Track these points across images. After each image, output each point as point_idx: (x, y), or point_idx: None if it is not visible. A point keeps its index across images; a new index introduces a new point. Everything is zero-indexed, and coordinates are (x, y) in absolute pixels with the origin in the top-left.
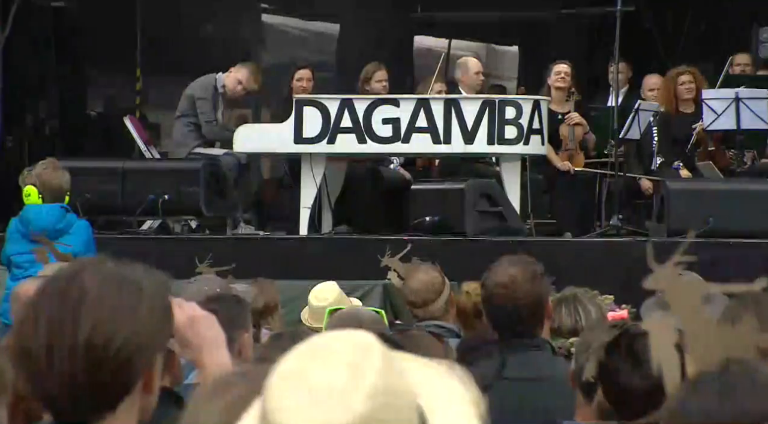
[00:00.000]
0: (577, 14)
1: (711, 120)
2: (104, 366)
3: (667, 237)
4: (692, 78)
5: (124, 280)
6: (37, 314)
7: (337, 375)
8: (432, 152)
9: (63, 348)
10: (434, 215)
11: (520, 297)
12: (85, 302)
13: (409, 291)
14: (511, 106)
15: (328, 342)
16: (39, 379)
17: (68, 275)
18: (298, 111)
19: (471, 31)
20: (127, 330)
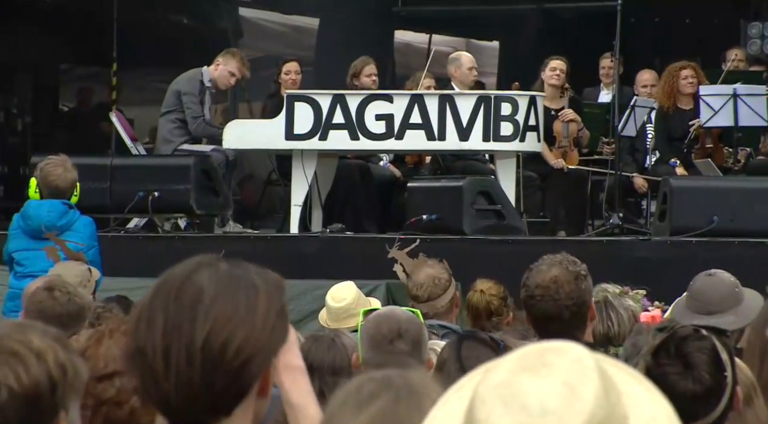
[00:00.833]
0: (559, 9)
1: (709, 117)
2: (221, 369)
3: (670, 236)
4: (694, 72)
5: (240, 280)
6: (152, 315)
7: (553, 395)
8: (426, 149)
9: (180, 350)
10: (432, 213)
11: (562, 298)
12: (202, 303)
13: (414, 285)
14: (507, 102)
15: (542, 354)
16: (154, 381)
17: (182, 274)
18: (289, 107)
19: (451, 26)
20: (245, 332)
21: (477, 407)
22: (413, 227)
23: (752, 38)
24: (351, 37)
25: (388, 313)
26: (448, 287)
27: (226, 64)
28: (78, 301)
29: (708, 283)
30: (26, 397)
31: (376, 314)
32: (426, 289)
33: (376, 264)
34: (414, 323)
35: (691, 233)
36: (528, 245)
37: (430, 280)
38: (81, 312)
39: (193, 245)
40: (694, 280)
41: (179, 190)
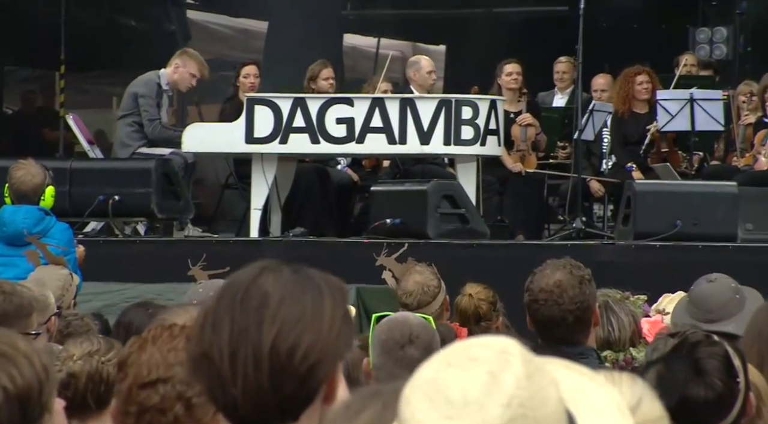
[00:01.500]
0: (508, 13)
1: (666, 121)
2: (289, 373)
3: (634, 239)
4: (649, 78)
5: (305, 284)
6: (218, 320)
7: (474, 384)
8: (387, 153)
9: (247, 355)
10: (395, 217)
11: (565, 303)
12: (268, 307)
13: (403, 293)
14: (468, 106)
15: (467, 349)
16: (221, 386)
17: (247, 279)
18: (249, 110)
19: (398, 30)
20: (312, 336)
21: (403, 407)
22: (377, 231)
23: (700, 43)
24: (300, 40)
25: (400, 319)
26: (438, 293)
27: (185, 65)
28: (17, 300)
29: (708, 289)
30: (19, 398)
31: (388, 319)
32: (415, 297)
33: (342, 268)
34: (426, 329)
35: (655, 237)
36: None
37: (419, 287)
38: (21, 310)
39: (154, 249)
40: (695, 285)
41: (140, 193)
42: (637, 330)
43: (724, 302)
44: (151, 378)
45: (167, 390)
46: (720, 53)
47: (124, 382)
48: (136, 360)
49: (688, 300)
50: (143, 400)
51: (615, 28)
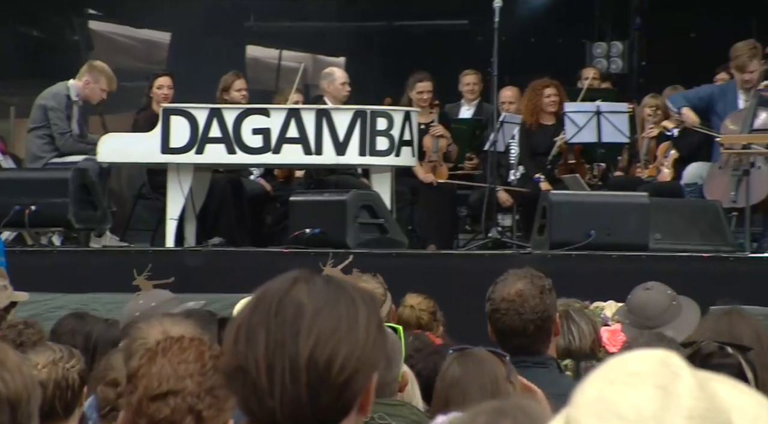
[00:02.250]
0: (408, 27)
1: (573, 133)
2: (327, 385)
3: (549, 249)
4: (556, 91)
5: (339, 294)
6: (252, 332)
7: (646, 399)
8: (303, 163)
9: (284, 367)
10: (315, 227)
11: (527, 312)
12: (304, 318)
13: None
14: (383, 117)
15: (625, 364)
16: (258, 399)
17: (280, 290)
18: (165, 120)
19: (300, 42)
20: (349, 347)
21: None
22: (296, 241)
23: (597, 58)
24: (203, 51)
25: None
26: (384, 302)
27: (96, 81)
28: None
29: (645, 297)
30: (11, 402)
31: None
32: None
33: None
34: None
35: (570, 246)
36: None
37: None
38: None
39: (72, 259)
40: (632, 293)
41: (57, 203)
42: (597, 339)
43: (661, 309)
44: (162, 390)
45: (178, 403)
46: (616, 67)
47: (133, 394)
48: (147, 372)
49: (627, 308)
50: (153, 412)
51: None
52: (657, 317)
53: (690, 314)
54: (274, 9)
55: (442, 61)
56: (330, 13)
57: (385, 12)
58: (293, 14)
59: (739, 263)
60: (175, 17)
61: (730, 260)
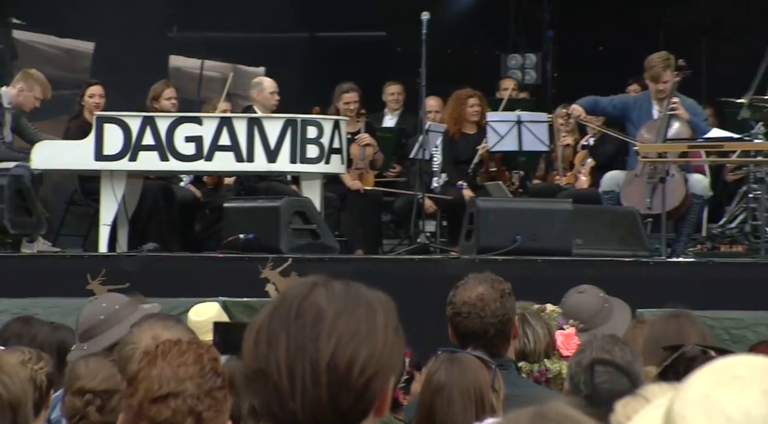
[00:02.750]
0: (328, 37)
1: (495, 141)
2: (347, 387)
3: (477, 254)
4: (479, 101)
5: (357, 298)
6: (273, 335)
7: (755, 403)
8: (235, 170)
9: (305, 369)
10: (248, 233)
11: (487, 316)
12: (324, 322)
13: None
14: (313, 125)
15: (731, 368)
16: (279, 401)
17: (299, 294)
18: (99, 128)
19: (221, 52)
20: (368, 350)
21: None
22: (230, 246)
23: (512, 69)
24: (126, 61)
25: None
26: None
27: (31, 89)
28: None
29: (579, 300)
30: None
31: None
32: None
33: (199, 282)
34: None
35: (497, 251)
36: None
37: None
38: None
39: (8, 264)
40: (566, 296)
41: None
42: (551, 342)
43: (594, 311)
44: (162, 393)
45: (178, 404)
46: (530, 78)
47: (134, 396)
48: (147, 375)
49: (562, 311)
50: (154, 414)
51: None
52: (590, 319)
53: (621, 314)
54: (196, 19)
55: (360, 72)
56: (251, 23)
57: (306, 23)
58: (215, 25)
59: (657, 267)
60: (99, 27)
61: (650, 265)
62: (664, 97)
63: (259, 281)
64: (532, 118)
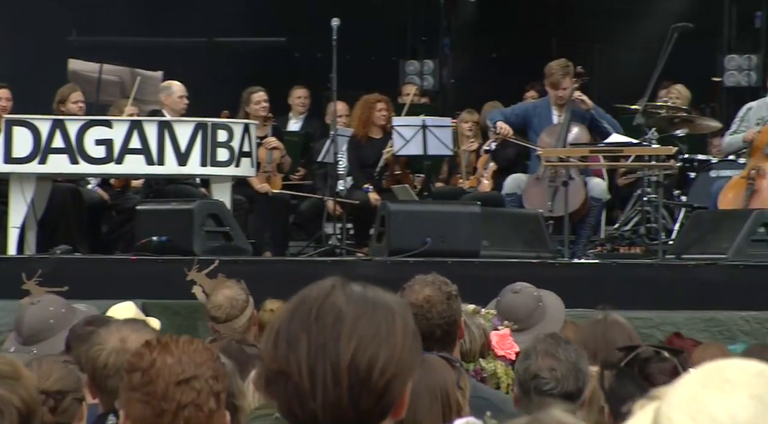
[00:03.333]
0: (228, 43)
1: (401, 145)
2: (368, 388)
3: (388, 256)
4: (386, 106)
5: (376, 301)
6: (293, 337)
7: (741, 408)
8: (146, 173)
9: (326, 370)
10: (161, 235)
11: (434, 317)
12: (344, 323)
13: (213, 306)
14: (223, 129)
15: (720, 371)
16: (300, 402)
17: (318, 296)
18: (8, 131)
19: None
20: (388, 352)
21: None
22: (143, 248)
23: (410, 75)
24: (26, 64)
25: None
26: (246, 307)
27: None
28: None
29: (514, 299)
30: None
31: None
32: (224, 310)
33: (112, 284)
34: None
35: (408, 253)
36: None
37: (228, 301)
38: None
39: None
40: (501, 295)
41: None
42: (486, 342)
43: (530, 311)
44: (186, 376)
45: (202, 385)
46: (428, 84)
47: (152, 384)
48: (164, 362)
49: (497, 311)
50: (181, 397)
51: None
52: (526, 318)
53: (555, 312)
54: (95, 23)
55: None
56: (150, 28)
57: (204, 28)
58: (115, 29)
59: (563, 268)
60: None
61: (556, 266)
62: (563, 103)
63: (174, 282)
64: (436, 123)
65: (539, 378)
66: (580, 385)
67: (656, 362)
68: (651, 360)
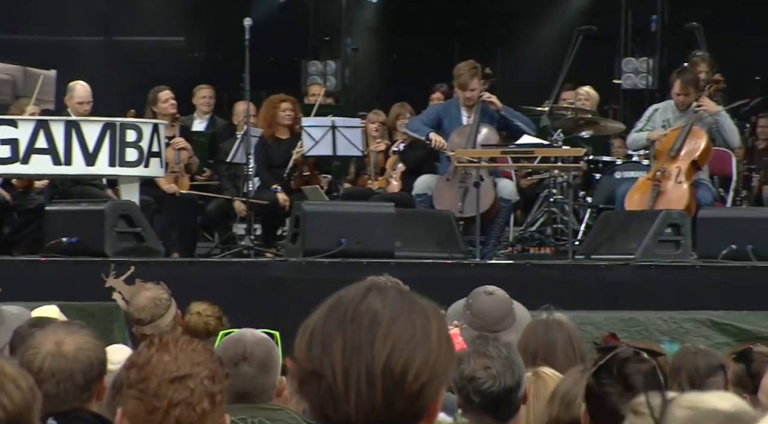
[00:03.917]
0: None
1: (310, 146)
2: (402, 391)
3: (303, 257)
4: (292, 105)
5: (412, 304)
6: (328, 338)
7: None
8: (53, 173)
9: (360, 372)
10: (72, 236)
11: None
12: (380, 325)
13: (136, 309)
14: (132, 129)
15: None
16: (333, 403)
17: (354, 297)
18: None
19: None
20: (423, 355)
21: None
22: (53, 249)
23: (312, 75)
24: None
25: (237, 336)
26: (169, 306)
27: None
28: None
29: (489, 302)
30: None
31: (228, 337)
32: (148, 311)
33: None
34: (262, 345)
35: (323, 253)
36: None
37: (151, 302)
38: None
39: None
40: (474, 298)
41: None
42: None
43: (504, 313)
44: (180, 373)
45: (196, 384)
46: (330, 85)
47: (147, 381)
48: (160, 359)
49: (470, 312)
50: (173, 394)
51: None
52: (501, 321)
53: (522, 317)
54: None
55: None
56: (43, 26)
57: (102, 27)
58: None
59: (479, 269)
60: None
61: (471, 267)
62: (472, 104)
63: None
64: (346, 123)
65: (476, 379)
66: (517, 378)
67: (634, 362)
68: (630, 360)
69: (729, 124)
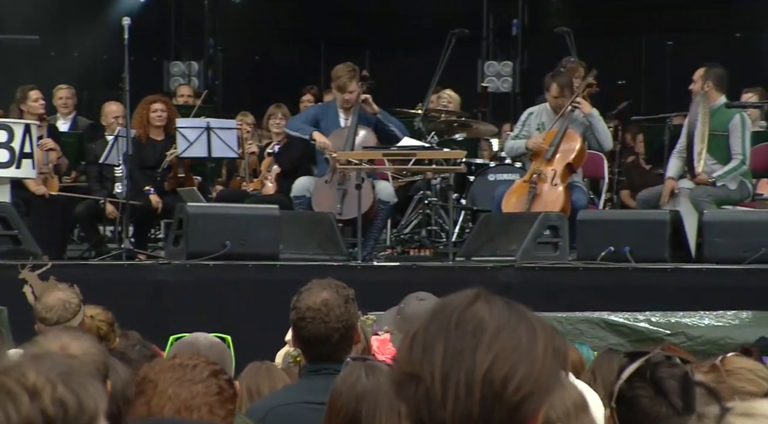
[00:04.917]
0: None
1: (185, 147)
2: (501, 402)
3: (186, 259)
4: (165, 106)
5: (520, 315)
6: (430, 342)
7: None
8: None
9: (460, 379)
10: None
11: (332, 321)
12: (485, 334)
13: (43, 308)
14: (3, 129)
15: None
16: (429, 408)
17: (461, 304)
18: None
19: None
20: (526, 368)
21: None
22: None
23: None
24: None
25: (190, 340)
26: (78, 311)
27: None
28: None
29: (421, 307)
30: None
31: (181, 340)
32: (55, 312)
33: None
34: (215, 349)
35: (207, 256)
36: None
37: (60, 303)
38: None
39: None
40: (406, 304)
41: None
42: (367, 347)
43: None
44: None
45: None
46: (194, 86)
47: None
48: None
49: (401, 318)
50: None
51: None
52: None
53: None
54: None
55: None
56: None
57: None
58: None
59: (363, 271)
60: None
61: (358, 269)
62: (350, 106)
63: None
64: (221, 124)
65: None
66: None
67: (666, 367)
68: (661, 365)
69: (602, 127)
